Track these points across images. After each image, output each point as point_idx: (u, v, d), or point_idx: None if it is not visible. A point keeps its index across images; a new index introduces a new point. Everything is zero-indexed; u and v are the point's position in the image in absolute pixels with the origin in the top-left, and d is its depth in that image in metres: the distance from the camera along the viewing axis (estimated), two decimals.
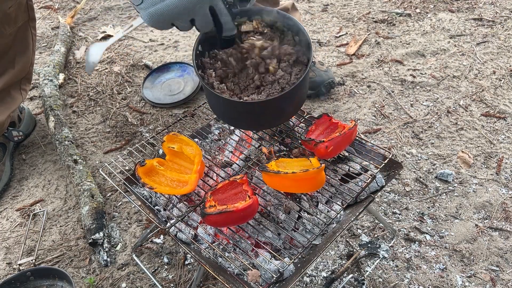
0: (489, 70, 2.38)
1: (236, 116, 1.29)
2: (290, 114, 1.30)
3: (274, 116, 1.25)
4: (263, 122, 1.28)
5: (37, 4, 3.27)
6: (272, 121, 1.29)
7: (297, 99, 1.25)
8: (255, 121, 1.29)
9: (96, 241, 1.59)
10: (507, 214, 1.67)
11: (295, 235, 1.23)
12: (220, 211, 1.06)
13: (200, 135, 1.54)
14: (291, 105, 1.24)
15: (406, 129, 2.07)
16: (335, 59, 2.56)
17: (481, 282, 1.48)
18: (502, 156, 1.90)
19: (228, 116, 1.32)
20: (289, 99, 1.19)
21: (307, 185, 1.16)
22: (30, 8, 1.81)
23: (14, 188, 1.92)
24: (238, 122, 1.34)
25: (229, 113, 1.29)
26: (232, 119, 1.33)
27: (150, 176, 1.25)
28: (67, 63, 2.65)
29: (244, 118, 1.28)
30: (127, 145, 2.08)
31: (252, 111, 1.21)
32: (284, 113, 1.26)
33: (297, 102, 1.27)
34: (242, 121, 1.31)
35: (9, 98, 1.90)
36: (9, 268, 1.61)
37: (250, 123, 1.32)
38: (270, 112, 1.22)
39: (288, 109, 1.25)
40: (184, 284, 1.51)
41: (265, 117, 1.24)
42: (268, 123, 1.31)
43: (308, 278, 1.50)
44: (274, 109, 1.21)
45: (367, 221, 1.69)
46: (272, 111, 1.21)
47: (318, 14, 2.98)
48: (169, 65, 2.51)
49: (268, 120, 1.27)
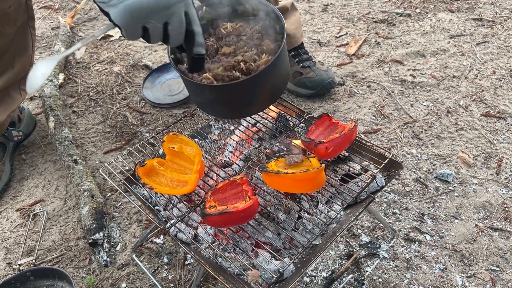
0: (489, 70, 2.38)
1: (205, 101, 1.27)
2: (262, 102, 1.26)
3: (244, 103, 1.22)
4: (233, 108, 1.25)
5: (37, 4, 3.27)
6: (242, 108, 1.25)
7: (269, 85, 1.21)
8: (225, 108, 1.26)
9: (96, 241, 1.59)
10: (507, 214, 1.67)
11: (295, 235, 1.23)
12: (221, 212, 1.06)
13: (200, 135, 1.54)
14: (262, 91, 1.20)
15: (406, 129, 2.07)
16: (335, 59, 2.56)
17: (481, 282, 1.48)
18: (502, 156, 1.90)
19: (199, 101, 1.30)
20: (258, 83, 1.16)
21: (307, 185, 1.16)
22: (30, 8, 1.81)
23: (14, 188, 1.92)
24: (209, 109, 1.32)
25: (199, 98, 1.27)
26: (203, 105, 1.31)
27: (150, 176, 1.25)
28: (67, 63, 2.65)
29: (213, 104, 1.26)
30: (127, 145, 2.09)
31: (220, 96, 1.19)
32: (254, 100, 1.22)
33: (269, 88, 1.22)
34: (211, 107, 1.29)
35: (8, 98, 1.90)
36: (9, 268, 1.61)
37: (220, 110, 1.29)
38: (239, 97, 1.19)
39: (259, 96, 1.21)
40: (184, 284, 1.51)
41: (234, 103, 1.21)
42: (239, 110, 1.27)
43: (308, 278, 1.50)
44: (243, 94, 1.18)
45: (367, 221, 1.69)
46: (241, 96, 1.19)
47: (318, 14, 2.98)
48: (169, 65, 2.51)
49: (238, 107, 1.24)
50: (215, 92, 1.19)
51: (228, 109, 1.27)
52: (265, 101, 1.28)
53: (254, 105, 1.27)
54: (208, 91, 1.19)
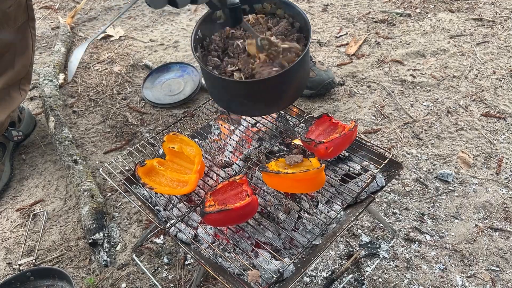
0: (489, 70, 2.38)
1: (230, 98, 1.27)
2: (290, 98, 1.27)
3: (274, 97, 1.22)
4: (265, 103, 1.24)
5: (37, 4, 3.27)
6: (274, 103, 1.25)
7: (297, 81, 1.22)
8: (252, 105, 1.25)
9: (96, 241, 1.59)
10: (507, 214, 1.67)
11: (295, 235, 1.23)
12: (220, 210, 1.06)
13: (200, 135, 1.54)
14: (290, 87, 1.21)
15: (406, 129, 2.07)
16: (335, 59, 2.56)
17: (481, 282, 1.48)
18: (502, 156, 1.90)
19: (224, 99, 1.30)
20: (287, 79, 1.16)
21: (307, 185, 1.16)
22: (30, 8, 1.81)
23: (14, 188, 1.92)
24: (233, 106, 1.32)
25: (225, 95, 1.27)
26: (227, 102, 1.31)
27: (150, 176, 1.25)
28: (67, 63, 2.65)
29: (239, 100, 1.25)
30: (127, 145, 2.09)
31: (248, 92, 1.19)
32: (283, 95, 1.22)
33: (297, 85, 1.24)
34: (237, 104, 1.29)
35: (8, 98, 1.90)
36: (9, 268, 1.61)
37: (246, 107, 1.29)
38: (268, 93, 1.19)
39: (288, 91, 1.22)
40: (184, 284, 1.51)
41: (265, 98, 1.21)
42: (270, 106, 1.27)
43: (308, 278, 1.50)
44: (273, 90, 1.18)
45: (367, 221, 1.69)
46: (271, 91, 1.19)
47: (318, 14, 2.98)
48: (169, 65, 2.51)
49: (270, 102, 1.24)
50: (247, 88, 1.18)
51: (259, 105, 1.25)
52: (292, 95, 1.27)
53: (284, 100, 1.26)
54: (239, 87, 1.18)
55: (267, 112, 1.38)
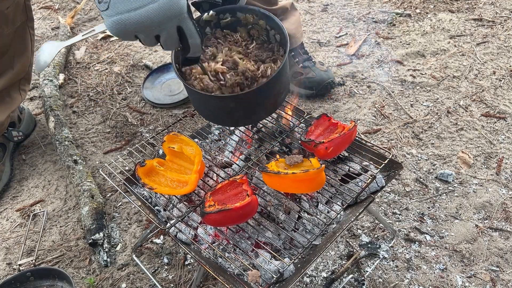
0: (489, 71, 2.38)
1: (211, 111, 1.29)
2: (266, 111, 1.29)
3: (247, 112, 1.24)
4: (236, 117, 1.27)
5: (37, 4, 3.27)
6: (246, 117, 1.27)
7: (274, 95, 1.24)
8: (229, 117, 1.28)
9: (96, 241, 1.59)
10: (507, 215, 1.67)
11: (295, 235, 1.23)
12: (219, 210, 1.06)
13: (200, 135, 1.54)
14: (267, 101, 1.23)
15: (406, 129, 2.07)
16: (335, 59, 2.56)
17: (481, 282, 1.48)
18: (502, 157, 1.90)
19: (204, 111, 1.32)
20: (263, 93, 1.18)
21: (307, 186, 1.16)
22: (28, 8, 1.81)
23: (14, 189, 1.92)
24: (214, 118, 1.34)
25: (204, 108, 1.30)
26: (208, 115, 1.33)
27: (150, 177, 1.25)
28: (67, 64, 2.65)
29: (218, 113, 1.28)
30: (127, 145, 2.09)
31: (224, 106, 1.21)
32: (258, 109, 1.25)
33: (274, 99, 1.25)
34: (216, 116, 1.31)
35: (8, 99, 1.90)
36: (9, 268, 1.61)
37: (224, 119, 1.31)
38: (242, 107, 1.21)
39: (264, 105, 1.24)
40: (184, 285, 1.51)
41: (238, 112, 1.23)
42: (243, 119, 1.29)
43: (308, 279, 1.50)
44: (247, 104, 1.20)
45: (367, 221, 1.69)
46: (245, 106, 1.21)
47: (318, 14, 2.98)
48: (169, 65, 2.51)
49: (241, 116, 1.26)
50: (223, 102, 1.21)
51: (235, 117, 1.28)
52: (270, 108, 1.29)
53: (258, 114, 1.29)
54: (216, 101, 1.21)
55: (243, 124, 1.41)
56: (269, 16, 1.27)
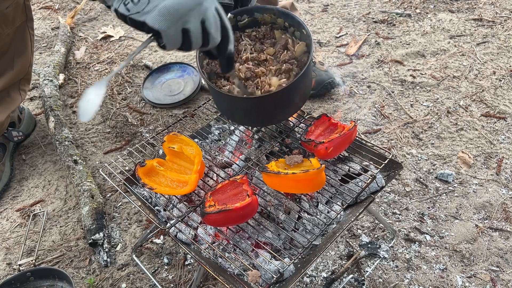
0: (489, 71, 2.38)
1: (238, 112, 1.30)
2: (294, 107, 1.30)
3: (280, 109, 1.25)
4: (270, 116, 1.27)
5: (37, 4, 3.27)
6: (278, 114, 1.28)
7: (301, 91, 1.25)
8: (260, 117, 1.28)
9: (96, 241, 1.59)
10: (507, 215, 1.67)
11: (295, 235, 1.23)
12: (220, 210, 1.06)
13: (200, 135, 1.54)
14: (295, 97, 1.24)
15: (406, 129, 2.07)
16: (335, 59, 2.56)
17: (481, 282, 1.48)
18: (502, 157, 1.90)
19: (231, 112, 1.33)
20: (291, 92, 1.19)
21: (307, 186, 1.15)
22: (28, 8, 1.81)
23: (14, 189, 1.92)
24: (242, 119, 1.34)
25: (232, 109, 1.30)
26: (235, 116, 1.34)
27: (150, 177, 1.25)
28: (67, 64, 2.65)
29: (248, 114, 1.28)
30: (127, 146, 2.08)
31: (255, 106, 1.21)
32: (289, 106, 1.26)
33: (302, 94, 1.27)
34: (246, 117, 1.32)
35: (8, 99, 1.90)
36: (9, 268, 1.61)
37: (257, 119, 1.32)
38: (274, 106, 1.22)
39: (294, 101, 1.25)
40: (184, 285, 1.51)
41: (272, 110, 1.24)
42: (275, 116, 1.30)
43: (308, 279, 1.50)
44: (278, 102, 1.21)
45: (367, 221, 1.69)
46: (277, 104, 1.22)
47: (318, 14, 2.98)
48: (169, 65, 2.51)
49: (275, 114, 1.27)
50: (253, 103, 1.21)
51: (263, 117, 1.29)
52: (296, 106, 1.30)
53: (287, 111, 1.30)
54: (245, 103, 1.21)
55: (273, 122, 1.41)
56: (288, 14, 1.26)
